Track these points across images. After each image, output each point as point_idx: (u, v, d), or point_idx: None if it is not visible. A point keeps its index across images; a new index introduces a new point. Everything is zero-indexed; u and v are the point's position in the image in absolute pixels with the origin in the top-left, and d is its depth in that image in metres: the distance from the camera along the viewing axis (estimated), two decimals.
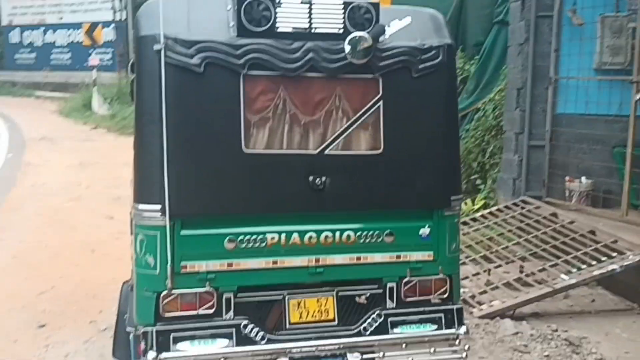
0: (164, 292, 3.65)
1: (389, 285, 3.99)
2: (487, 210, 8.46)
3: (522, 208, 8.09)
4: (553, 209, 7.85)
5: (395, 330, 3.98)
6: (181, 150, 3.58)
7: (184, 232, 3.66)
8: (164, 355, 3.61)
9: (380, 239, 3.92)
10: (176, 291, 3.66)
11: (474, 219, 8.29)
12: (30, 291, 6.54)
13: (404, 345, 3.94)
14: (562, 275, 6.27)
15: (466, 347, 4.04)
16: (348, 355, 3.86)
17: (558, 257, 6.66)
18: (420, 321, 4.03)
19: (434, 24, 4.06)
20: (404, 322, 4.00)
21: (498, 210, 8.30)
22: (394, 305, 4.00)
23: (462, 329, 4.02)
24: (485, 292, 6.42)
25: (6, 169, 13.58)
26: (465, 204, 9.68)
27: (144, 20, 3.68)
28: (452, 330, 4.02)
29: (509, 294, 6.24)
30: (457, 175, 4.14)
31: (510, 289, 6.34)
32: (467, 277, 6.82)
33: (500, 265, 6.93)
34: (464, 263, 7.15)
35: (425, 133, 3.95)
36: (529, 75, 8.46)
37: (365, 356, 3.89)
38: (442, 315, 4.06)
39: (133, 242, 3.77)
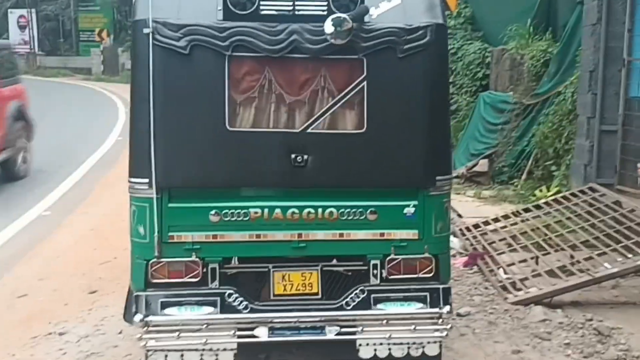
0: (153, 260, 3.93)
1: (373, 262, 4.07)
2: (552, 197, 8.21)
3: (588, 195, 7.78)
4: (618, 196, 7.51)
5: (379, 306, 4.07)
6: (167, 128, 3.84)
7: (171, 204, 3.92)
8: (151, 318, 3.90)
9: (363, 217, 4.01)
10: (164, 259, 3.94)
11: (538, 206, 8.07)
12: (94, 260, 7.08)
13: (384, 322, 4.01)
14: (605, 264, 6.04)
15: (448, 327, 4.06)
16: (326, 328, 3.99)
17: (609, 246, 6.40)
18: (405, 299, 4.09)
19: (426, 4, 4.08)
20: (388, 299, 4.08)
21: (564, 197, 8.03)
22: (378, 282, 4.08)
23: (446, 309, 4.06)
24: (526, 279, 6.27)
25: (113, 150, 14.52)
26: (540, 190, 9.44)
27: (139, 6, 3.95)
28: (435, 310, 4.05)
29: (549, 282, 6.08)
30: (444, 155, 4.14)
31: (553, 277, 6.17)
32: (513, 264, 6.70)
33: (549, 253, 6.74)
34: (514, 250, 7.04)
35: (411, 113, 3.99)
36: (601, 57, 8.12)
37: (344, 330, 4.00)
38: (427, 294, 4.10)
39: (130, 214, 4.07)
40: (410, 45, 3.94)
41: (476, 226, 8.01)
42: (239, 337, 3.95)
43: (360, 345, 4.03)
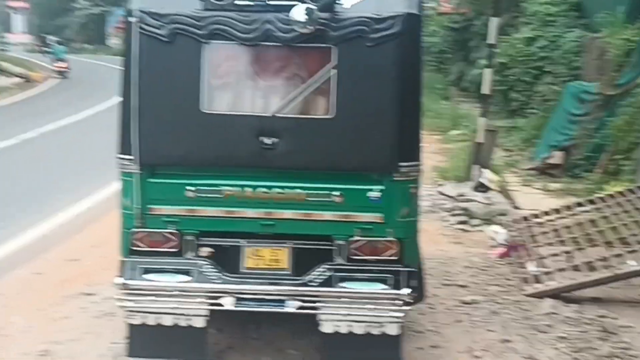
0: (135, 229, 4.31)
1: (338, 242, 4.26)
2: (608, 193, 7.92)
3: None
4: None
5: (343, 284, 4.24)
6: (148, 109, 4.20)
7: (152, 179, 4.29)
8: (130, 282, 4.28)
9: (329, 199, 4.20)
10: (145, 229, 4.32)
11: (591, 201, 7.83)
12: None
13: (345, 299, 4.19)
14: (629, 262, 5.84)
15: (407, 308, 4.18)
16: (287, 302, 4.21)
17: None
18: (368, 279, 4.25)
19: None
20: (351, 279, 4.25)
21: (619, 193, 7.74)
22: (343, 261, 4.26)
23: (405, 291, 4.16)
24: (550, 272, 6.18)
25: None
26: (611, 185, 9.09)
27: None
28: (395, 291, 4.18)
29: (571, 277, 5.97)
30: (411, 143, 4.23)
31: (576, 272, 6.05)
32: (545, 257, 6.59)
33: (583, 249, 6.57)
34: (551, 243, 6.91)
35: (377, 101, 4.13)
36: None
37: (306, 305, 4.21)
38: (390, 276, 4.23)
39: None
40: (380, 34, 4.07)
41: (526, 219, 7.90)
42: (209, 304, 4.26)
43: (322, 320, 4.24)
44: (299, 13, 4.02)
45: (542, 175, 10.64)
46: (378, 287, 4.23)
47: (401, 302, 4.18)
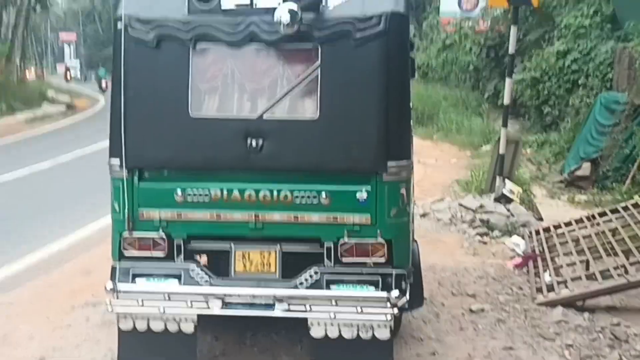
0: (125, 234, 4.32)
1: (327, 245, 4.19)
2: (633, 203, 7.67)
3: None
4: None
5: (332, 287, 4.17)
6: (136, 113, 4.23)
7: (141, 184, 4.30)
8: (120, 286, 4.28)
9: (317, 200, 4.15)
10: (135, 234, 4.31)
11: (615, 211, 7.59)
12: None
13: (333, 302, 4.10)
14: None
15: (394, 311, 4.07)
16: (276, 305, 4.15)
17: None
18: (358, 282, 4.17)
19: None
20: (341, 282, 4.18)
21: None
22: (332, 264, 4.19)
23: (394, 293, 4.06)
24: (565, 281, 5.98)
25: None
26: None
27: (120, 3, 4.36)
28: (383, 294, 4.08)
29: (585, 285, 5.77)
30: (399, 142, 4.15)
31: (591, 280, 5.84)
32: (560, 267, 6.41)
33: (601, 258, 6.36)
34: (570, 253, 6.71)
35: (363, 100, 4.09)
36: None
37: (293, 308, 4.14)
38: (379, 278, 4.15)
39: None
40: (364, 33, 4.03)
41: (547, 230, 7.71)
42: (197, 308, 4.22)
43: (311, 324, 4.16)
44: (282, 13, 4.01)
45: (570, 188, 10.40)
46: (367, 290, 4.14)
47: (390, 304, 4.08)
